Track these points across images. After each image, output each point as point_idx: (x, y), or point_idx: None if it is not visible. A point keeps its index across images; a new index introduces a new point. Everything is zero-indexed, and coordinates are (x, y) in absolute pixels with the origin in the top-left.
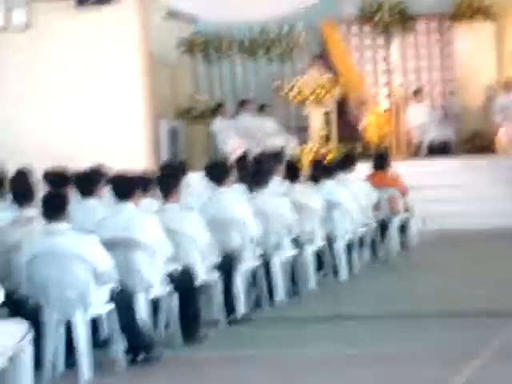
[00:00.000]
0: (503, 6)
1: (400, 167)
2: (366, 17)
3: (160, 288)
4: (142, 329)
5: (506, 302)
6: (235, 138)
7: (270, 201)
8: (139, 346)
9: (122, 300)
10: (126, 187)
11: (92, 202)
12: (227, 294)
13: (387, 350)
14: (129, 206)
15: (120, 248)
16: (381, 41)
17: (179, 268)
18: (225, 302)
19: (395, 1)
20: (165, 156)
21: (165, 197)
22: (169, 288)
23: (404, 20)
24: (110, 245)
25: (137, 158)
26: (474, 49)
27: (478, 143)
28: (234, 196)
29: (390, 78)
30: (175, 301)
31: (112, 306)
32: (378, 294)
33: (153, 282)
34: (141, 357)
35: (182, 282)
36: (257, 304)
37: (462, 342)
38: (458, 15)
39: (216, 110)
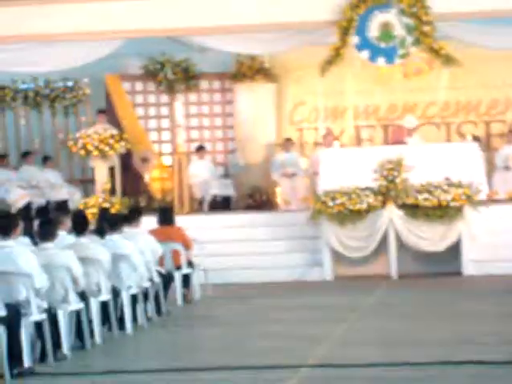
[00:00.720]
0: (283, 68)
1: (183, 222)
2: (150, 74)
3: None
4: None
5: (288, 355)
6: (18, 189)
7: (57, 253)
8: None
9: None
10: None
11: None
12: (12, 346)
13: None
14: None
15: None
16: (165, 98)
17: None
18: (9, 355)
19: (179, 59)
20: None
21: None
22: None
23: (187, 78)
24: None
25: None
26: (255, 108)
27: (258, 199)
28: (20, 248)
29: (173, 135)
30: None
31: None
32: (162, 348)
33: None
34: None
35: None
36: (42, 358)
37: None
38: (239, 75)
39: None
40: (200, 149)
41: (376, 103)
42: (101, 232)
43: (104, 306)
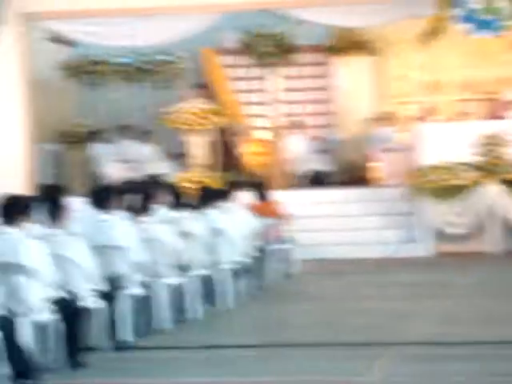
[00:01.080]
0: (382, 41)
1: (280, 197)
2: (246, 47)
3: (44, 313)
4: (26, 354)
5: (383, 332)
6: (116, 163)
7: (155, 227)
8: (24, 372)
9: (4, 326)
10: (10, 211)
11: None
12: (112, 320)
13: (269, 379)
14: (13, 230)
15: (2, 272)
16: (261, 72)
17: (64, 294)
18: (109, 329)
19: (275, 32)
20: (45, 180)
21: (49, 221)
22: (54, 313)
23: (283, 52)
24: None
25: (17, 181)
26: (352, 82)
27: (355, 174)
28: (118, 222)
29: (269, 109)
30: (60, 326)
31: None
32: (260, 323)
33: (36, 306)
34: (27, 383)
35: (67, 307)
36: (142, 331)
37: (341, 372)
38: (336, 48)
39: (97, 134)
40: (296, 123)
41: (479, 77)
42: (197, 207)
43: (204, 280)
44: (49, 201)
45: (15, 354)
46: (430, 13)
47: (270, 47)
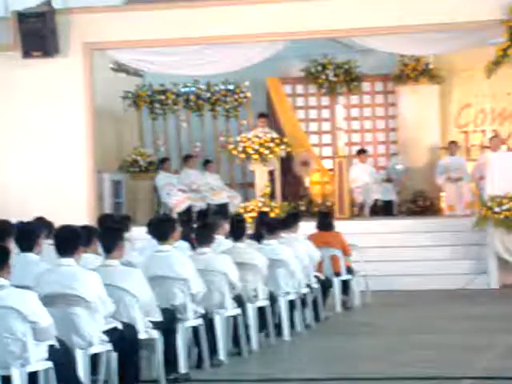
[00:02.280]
0: (447, 70)
1: (343, 227)
2: (312, 76)
3: (100, 345)
4: None
5: (448, 366)
6: (179, 192)
7: (214, 258)
8: None
9: (62, 357)
10: (69, 242)
11: (31, 255)
12: (168, 352)
13: None
14: (70, 261)
15: (60, 304)
16: (326, 100)
17: (120, 325)
18: (165, 361)
19: (341, 61)
20: (108, 209)
21: (107, 252)
22: (109, 345)
23: (349, 80)
24: (50, 300)
25: (80, 211)
26: (418, 111)
27: (421, 203)
28: (177, 253)
29: (334, 138)
30: (114, 358)
31: (49, 363)
32: (320, 355)
33: (93, 339)
34: None
35: (123, 338)
36: (198, 363)
37: None
38: (403, 77)
39: (160, 164)
40: (361, 152)
41: None
42: (258, 237)
43: (261, 311)
44: (107, 231)
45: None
46: (498, 40)
47: (335, 76)
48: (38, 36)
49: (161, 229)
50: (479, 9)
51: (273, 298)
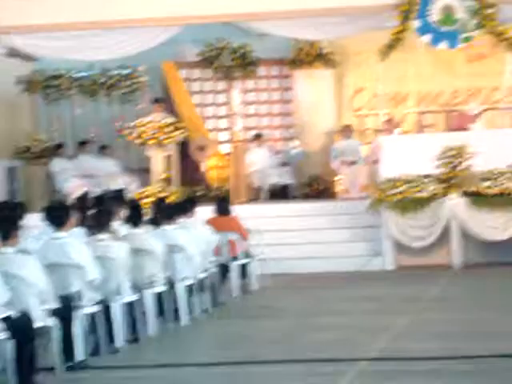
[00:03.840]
0: (342, 54)
1: (241, 211)
2: (207, 60)
3: None
4: None
5: (346, 348)
6: (75, 178)
7: (111, 244)
8: None
9: None
10: None
11: None
12: (65, 339)
13: None
14: None
15: None
16: (222, 85)
17: (15, 313)
18: (62, 348)
19: (236, 45)
20: (2, 197)
21: (2, 239)
22: (4, 333)
23: (245, 65)
24: None
25: None
26: (314, 95)
27: (317, 187)
28: (73, 240)
29: (230, 123)
30: (10, 346)
31: None
32: (217, 340)
33: None
34: None
35: (19, 327)
36: (95, 351)
37: None
38: (298, 61)
39: (55, 149)
40: (258, 136)
41: (438, 89)
42: (156, 222)
43: (159, 297)
44: (2, 219)
45: None
46: (390, 25)
47: (232, 60)
48: None
49: (56, 215)
50: None
51: (170, 283)
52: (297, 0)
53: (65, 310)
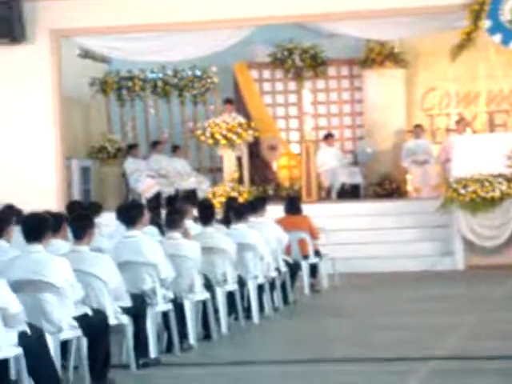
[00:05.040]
0: (412, 54)
1: (311, 210)
2: (278, 61)
3: (70, 331)
4: (52, 371)
5: (415, 347)
6: (148, 178)
7: (184, 243)
8: None
9: (34, 343)
10: (37, 228)
11: (1, 243)
12: (138, 337)
13: None
14: (38, 248)
15: (29, 290)
16: (292, 85)
17: (89, 310)
18: (135, 346)
19: (307, 46)
20: (77, 196)
21: (77, 238)
22: (78, 330)
23: (315, 65)
24: (19, 286)
25: (49, 198)
26: (384, 95)
27: (388, 187)
28: (146, 238)
29: (301, 122)
30: (84, 343)
31: (20, 349)
32: (288, 338)
33: (63, 324)
34: None
35: (93, 324)
36: (168, 348)
37: None
38: (368, 61)
39: (129, 150)
40: (328, 136)
41: (509, 88)
42: (227, 221)
43: (230, 295)
44: (77, 218)
45: (42, 371)
46: (461, 25)
47: (302, 61)
48: (5, 22)
49: (129, 214)
50: None
51: (242, 282)
52: (366, 0)
53: (138, 308)
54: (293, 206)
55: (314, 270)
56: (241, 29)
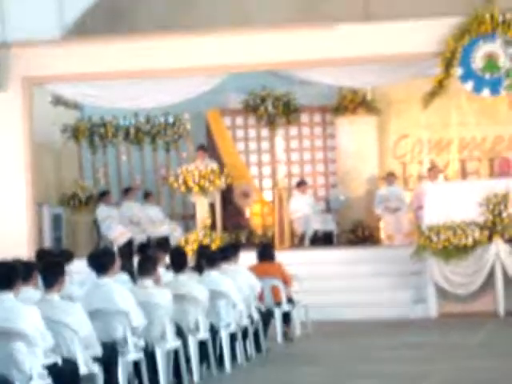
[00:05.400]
0: (385, 101)
1: (284, 257)
2: (251, 108)
3: (40, 380)
4: None
5: None
6: (119, 225)
7: (155, 291)
8: None
9: None
10: (7, 277)
11: None
12: None
13: None
14: (9, 296)
15: (0, 339)
16: (265, 132)
17: (60, 359)
18: None
19: (279, 93)
20: (48, 243)
21: (47, 286)
22: (49, 380)
23: (288, 112)
24: None
25: (19, 245)
26: (357, 142)
27: (361, 234)
28: (117, 286)
29: (273, 169)
30: None
31: None
32: None
33: (33, 373)
34: None
35: (63, 373)
36: None
37: None
38: (341, 109)
39: (100, 196)
40: (301, 183)
41: (481, 135)
42: (199, 269)
43: (202, 344)
44: (48, 266)
45: None
46: (433, 72)
47: (275, 108)
48: None
49: (100, 261)
50: (416, 41)
51: (214, 330)
52: (339, 48)
53: (109, 357)
54: (265, 253)
55: (286, 317)
56: (213, 76)
